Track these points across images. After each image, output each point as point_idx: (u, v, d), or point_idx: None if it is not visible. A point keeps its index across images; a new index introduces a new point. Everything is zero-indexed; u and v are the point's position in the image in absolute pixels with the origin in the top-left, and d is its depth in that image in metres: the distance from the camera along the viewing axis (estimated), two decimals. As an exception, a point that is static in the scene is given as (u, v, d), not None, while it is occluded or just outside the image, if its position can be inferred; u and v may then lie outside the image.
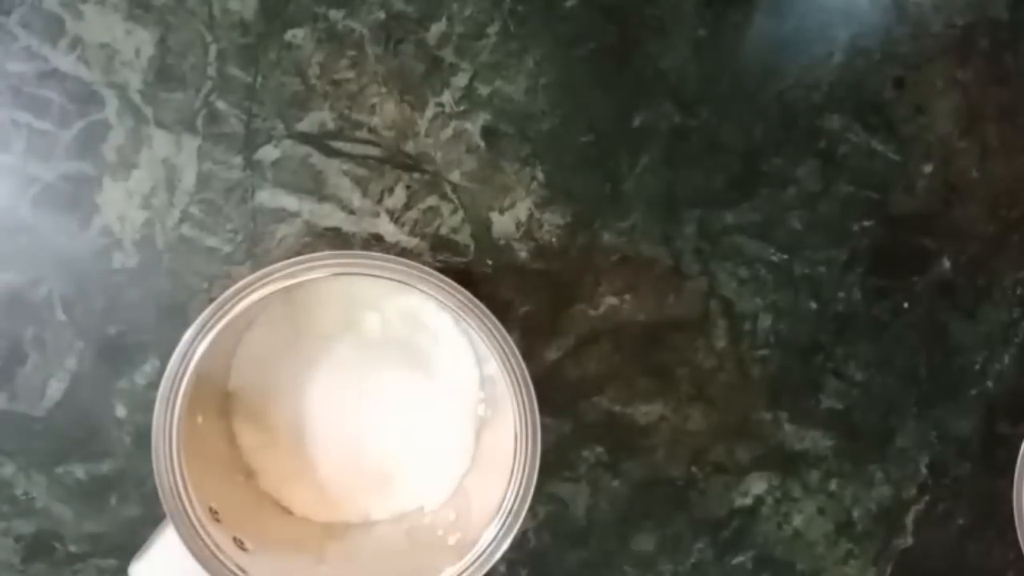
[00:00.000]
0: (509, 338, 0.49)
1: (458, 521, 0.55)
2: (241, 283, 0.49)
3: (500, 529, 0.49)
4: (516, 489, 0.49)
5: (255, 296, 0.48)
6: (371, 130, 0.59)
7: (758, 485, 0.63)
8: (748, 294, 0.62)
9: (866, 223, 0.63)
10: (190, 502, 0.48)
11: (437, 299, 0.49)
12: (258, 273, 0.49)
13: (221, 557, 0.48)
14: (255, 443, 0.57)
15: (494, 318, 0.49)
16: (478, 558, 0.49)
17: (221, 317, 0.48)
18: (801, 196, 0.62)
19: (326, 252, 0.50)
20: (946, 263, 0.63)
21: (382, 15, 0.59)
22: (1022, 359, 0.64)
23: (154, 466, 0.48)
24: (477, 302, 0.49)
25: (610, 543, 0.63)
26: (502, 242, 0.60)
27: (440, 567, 0.50)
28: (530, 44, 0.60)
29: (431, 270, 0.49)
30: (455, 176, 0.60)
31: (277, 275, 0.49)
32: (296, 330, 0.57)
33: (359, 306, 0.57)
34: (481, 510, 0.52)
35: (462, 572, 0.49)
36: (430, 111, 0.60)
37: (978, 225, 0.63)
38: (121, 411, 0.59)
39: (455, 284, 0.49)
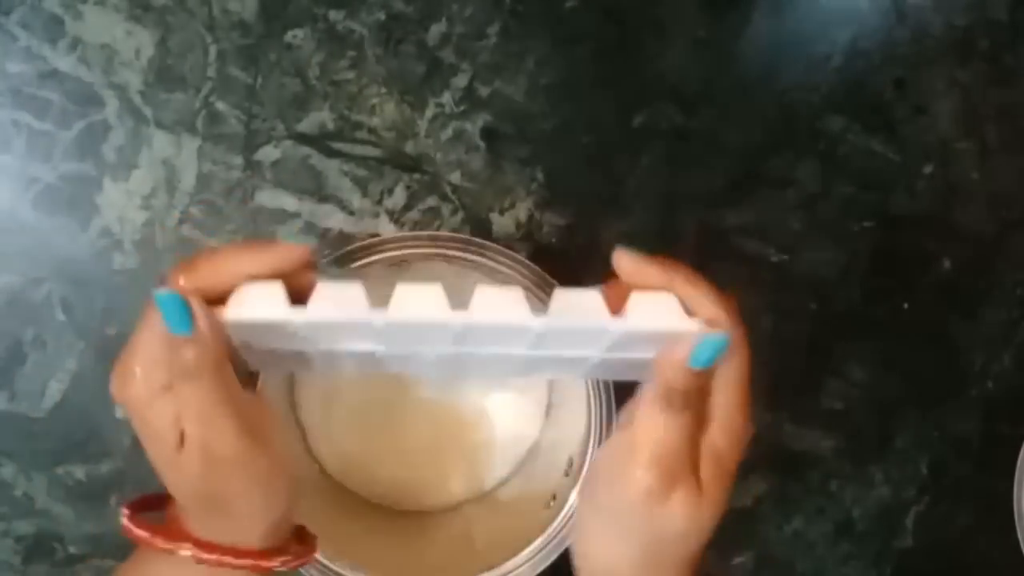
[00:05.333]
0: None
1: (527, 490, 0.56)
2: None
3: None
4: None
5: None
6: (371, 131, 0.59)
7: (758, 485, 0.63)
8: (748, 294, 0.62)
9: (866, 223, 0.63)
10: None
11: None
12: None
13: None
14: (322, 432, 0.57)
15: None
16: (566, 521, 0.49)
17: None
18: (801, 196, 0.62)
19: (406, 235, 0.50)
20: (946, 263, 0.63)
21: (382, 16, 0.59)
22: (1022, 359, 0.64)
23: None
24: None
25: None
26: (502, 243, 0.60)
27: (533, 533, 0.50)
28: (530, 45, 0.60)
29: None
30: (455, 177, 0.60)
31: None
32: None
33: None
34: (547, 479, 0.53)
35: (555, 533, 0.49)
36: (430, 112, 0.60)
37: (978, 225, 0.63)
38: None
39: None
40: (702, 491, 0.36)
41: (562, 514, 0.49)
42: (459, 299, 0.35)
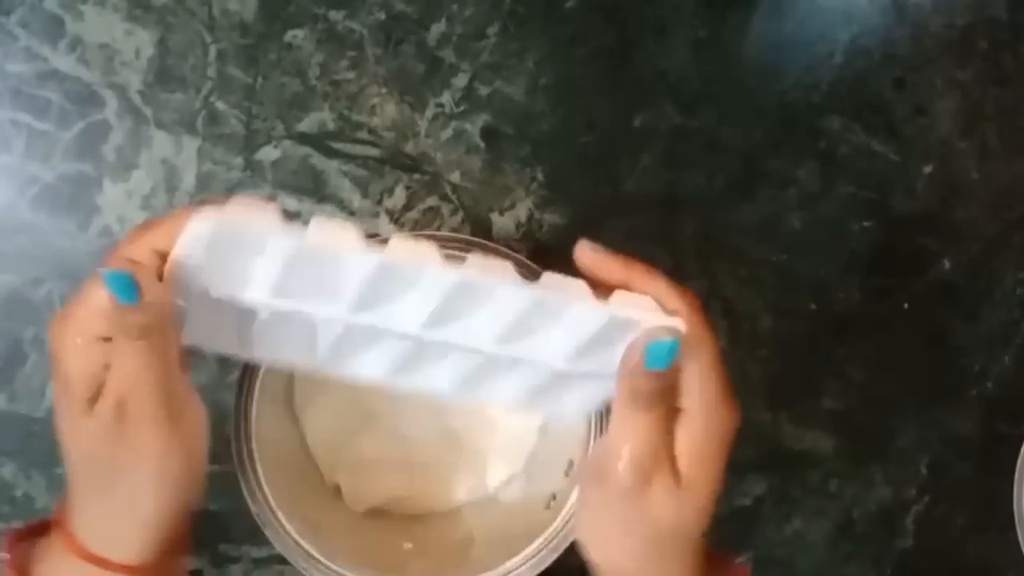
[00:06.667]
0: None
1: (527, 491, 0.56)
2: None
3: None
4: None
5: None
6: (371, 131, 0.59)
7: (758, 485, 0.63)
8: (748, 294, 0.62)
9: (866, 223, 0.63)
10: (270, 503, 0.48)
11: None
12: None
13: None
14: (321, 435, 0.56)
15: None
16: (566, 522, 0.49)
17: None
18: (801, 196, 0.62)
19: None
20: (946, 264, 0.63)
21: (382, 16, 0.59)
22: (1022, 360, 0.64)
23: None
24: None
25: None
26: (502, 243, 0.60)
27: (533, 534, 0.50)
28: (530, 45, 0.60)
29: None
30: (455, 177, 0.60)
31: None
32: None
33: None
34: (547, 480, 0.53)
35: (555, 534, 0.49)
36: (430, 112, 0.60)
37: (978, 225, 0.63)
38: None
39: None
40: (681, 483, 0.37)
41: (562, 515, 0.49)
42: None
